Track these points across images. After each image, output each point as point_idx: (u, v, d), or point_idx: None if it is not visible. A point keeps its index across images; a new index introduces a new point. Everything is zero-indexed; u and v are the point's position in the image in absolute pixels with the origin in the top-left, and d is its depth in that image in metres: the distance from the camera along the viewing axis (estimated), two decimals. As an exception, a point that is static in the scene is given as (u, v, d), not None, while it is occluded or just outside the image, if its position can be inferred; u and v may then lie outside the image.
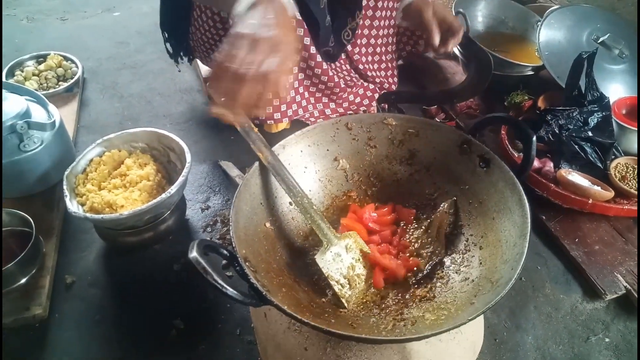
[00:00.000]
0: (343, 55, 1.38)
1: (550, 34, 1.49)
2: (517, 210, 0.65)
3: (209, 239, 1.19)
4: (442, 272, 0.71)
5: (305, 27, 1.13)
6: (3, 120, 1.16)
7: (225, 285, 0.53)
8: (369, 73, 1.44)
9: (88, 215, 1.06)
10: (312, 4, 1.12)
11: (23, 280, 1.10)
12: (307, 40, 1.17)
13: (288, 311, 0.54)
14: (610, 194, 1.19)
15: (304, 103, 1.33)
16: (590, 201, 1.18)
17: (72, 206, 1.08)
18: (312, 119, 1.35)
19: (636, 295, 1.08)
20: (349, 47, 1.36)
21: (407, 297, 0.68)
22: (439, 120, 1.51)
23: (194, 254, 0.53)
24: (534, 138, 0.67)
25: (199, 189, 1.38)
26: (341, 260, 0.66)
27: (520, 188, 0.66)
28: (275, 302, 0.55)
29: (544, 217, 1.24)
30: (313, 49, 1.19)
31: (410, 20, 1.29)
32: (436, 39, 1.17)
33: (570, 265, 1.17)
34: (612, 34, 1.46)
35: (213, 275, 0.52)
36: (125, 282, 1.16)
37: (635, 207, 1.19)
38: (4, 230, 1.16)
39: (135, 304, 1.11)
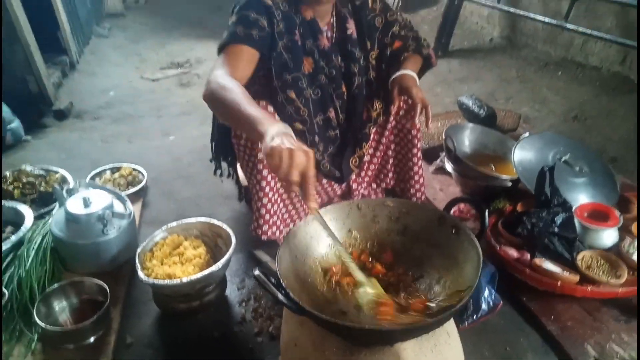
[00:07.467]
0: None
1: (523, 154, 1.86)
2: (475, 257, 0.93)
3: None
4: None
5: None
6: (95, 210, 1.52)
7: (278, 293, 0.81)
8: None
9: (155, 281, 1.35)
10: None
11: (92, 339, 1.35)
12: None
13: (319, 315, 0.81)
14: (575, 277, 1.44)
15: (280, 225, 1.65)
16: (559, 283, 1.43)
17: (142, 275, 1.38)
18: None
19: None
20: None
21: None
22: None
23: (257, 272, 0.81)
24: (486, 210, 0.97)
25: (236, 272, 1.67)
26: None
27: (477, 244, 0.95)
28: (308, 309, 0.82)
29: (524, 298, 1.48)
30: None
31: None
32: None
33: (548, 338, 1.38)
34: (572, 154, 1.82)
35: (271, 286, 0.80)
36: (174, 345, 1.41)
37: (598, 290, 1.43)
38: (84, 297, 1.45)
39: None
